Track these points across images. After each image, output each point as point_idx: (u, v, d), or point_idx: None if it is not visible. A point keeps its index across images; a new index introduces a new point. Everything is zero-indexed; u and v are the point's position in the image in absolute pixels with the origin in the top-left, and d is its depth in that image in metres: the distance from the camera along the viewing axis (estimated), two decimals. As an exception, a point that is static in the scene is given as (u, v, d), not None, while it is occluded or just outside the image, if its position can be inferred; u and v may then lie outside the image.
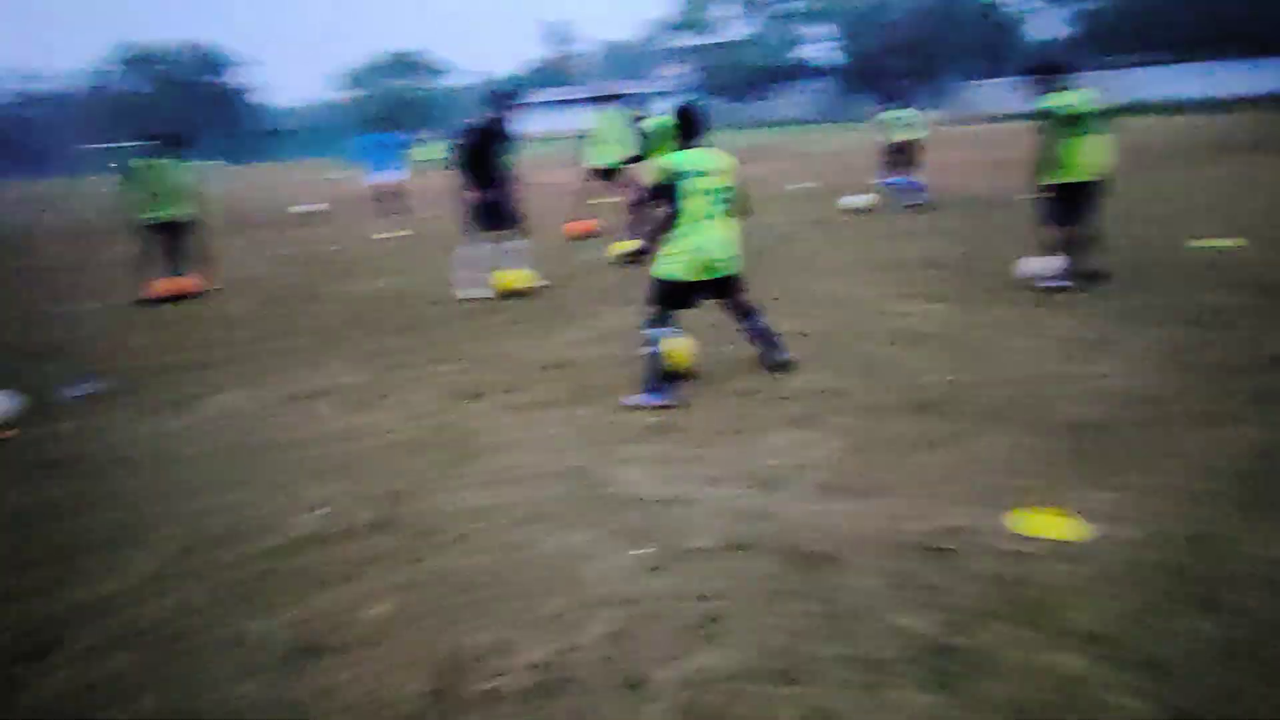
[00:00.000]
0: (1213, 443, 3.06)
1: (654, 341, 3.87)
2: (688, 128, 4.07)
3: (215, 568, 2.62)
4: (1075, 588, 2.22)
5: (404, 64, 77.19)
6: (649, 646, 2.08)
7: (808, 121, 49.46)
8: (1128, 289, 5.40)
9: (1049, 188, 5.42)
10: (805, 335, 4.73)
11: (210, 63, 70.45)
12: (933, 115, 31.47)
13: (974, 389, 3.79)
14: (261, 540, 2.77)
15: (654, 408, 3.76)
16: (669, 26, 62.60)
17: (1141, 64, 37.82)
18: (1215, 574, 2.24)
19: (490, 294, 6.33)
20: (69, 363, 5.16)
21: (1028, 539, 2.48)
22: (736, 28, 61.13)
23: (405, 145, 13.09)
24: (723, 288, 4.05)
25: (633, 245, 6.16)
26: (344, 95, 78.27)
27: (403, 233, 10.92)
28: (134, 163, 7.43)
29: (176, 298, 7.05)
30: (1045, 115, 5.28)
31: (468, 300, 6.34)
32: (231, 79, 71.62)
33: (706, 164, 3.93)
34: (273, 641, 2.20)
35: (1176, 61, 37.01)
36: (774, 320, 4.30)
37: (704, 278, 3.93)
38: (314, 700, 1.96)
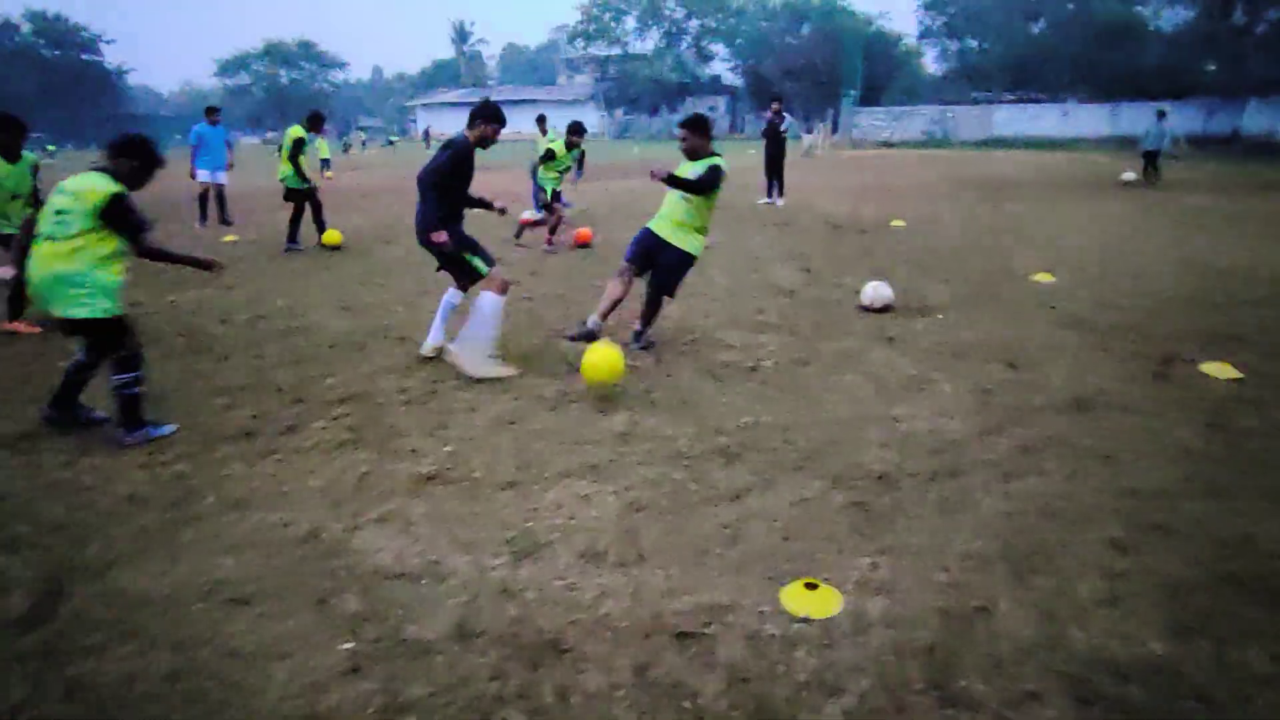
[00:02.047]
0: (998, 497, 2.98)
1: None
2: None
3: None
4: (814, 680, 2.00)
5: (286, 53, 72.76)
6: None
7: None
8: (959, 323, 5.47)
9: None
10: (634, 366, 4.47)
11: (67, 37, 64.19)
12: (819, 138, 32.76)
13: (782, 432, 3.61)
14: None
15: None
16: (575, 34, 62.25)
17: (1008, 102, 40.67)
18: (957, 658, 2.07)
19: (509, 370, 4.46)
20: None
21: (787, 616, 2.26)
22: (644, 41, 61.62)
23: (230, 142, 11.21)
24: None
25: None
26: (218, 82, 73.08)
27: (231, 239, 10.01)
28: None
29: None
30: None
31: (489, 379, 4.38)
32: (95, 56, 65.57)
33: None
34: None
35: (1038, 101, 40.05)
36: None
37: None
38: None
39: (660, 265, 4.85)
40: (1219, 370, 4.32)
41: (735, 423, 3.73)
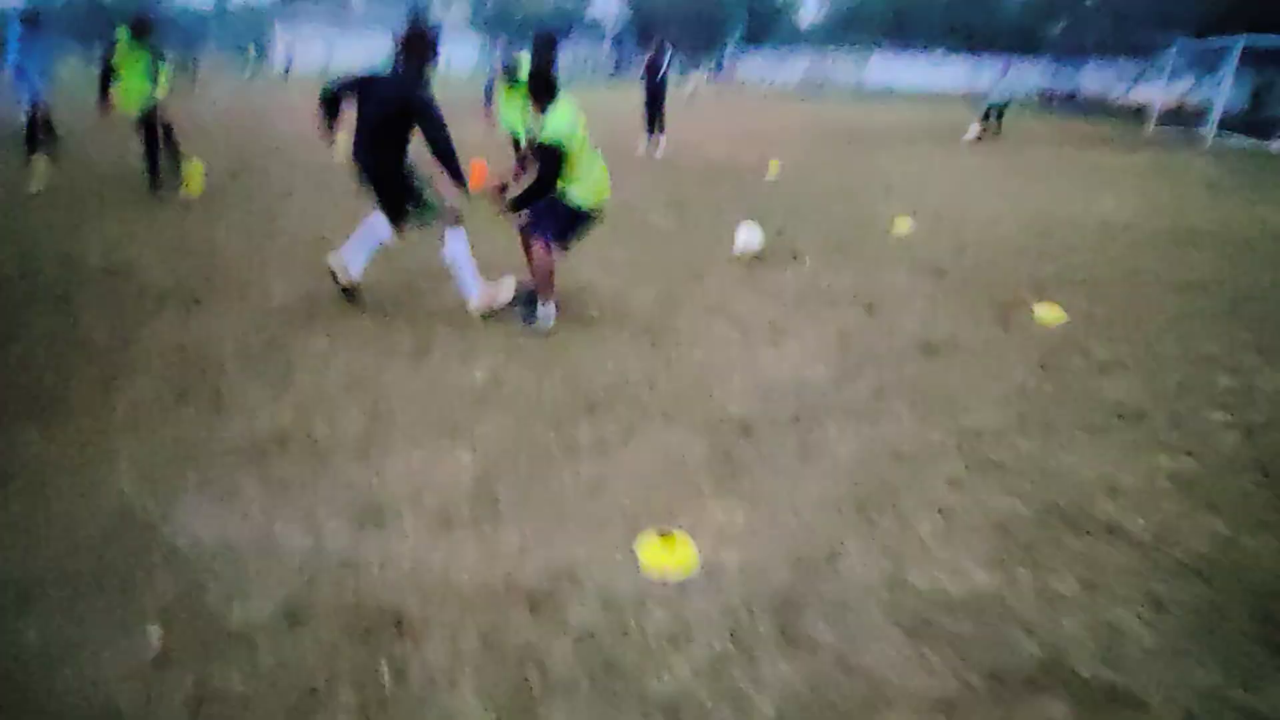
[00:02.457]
0: (853, 441, 3.08)
1: None
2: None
3: None
4: (665, 635, 1.98)
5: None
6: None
7: (593, 78, 49.01)
8: (824, 269, 5.61)
9: None
10: (487, 315, 4.27)
11: None
12: (701, 80, 32.65)
13: (649, 382, 3.57)
14: None
15: None
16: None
17: (881, 51, 41.99)
18: (806, 603, 2.12)
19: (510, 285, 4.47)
20: None
21: (642, 573, 2.22)
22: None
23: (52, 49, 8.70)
24: None
25: None
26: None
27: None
28: None
29: None
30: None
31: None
32: None
33: None
34: None
35: (908, 51, 41.59)
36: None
37: None
38: None
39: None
40: (1049, 313, 4.65)
41: (602, 372, 3.65)
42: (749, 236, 5.85)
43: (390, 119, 3.92)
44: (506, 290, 4.40)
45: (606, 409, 3.27)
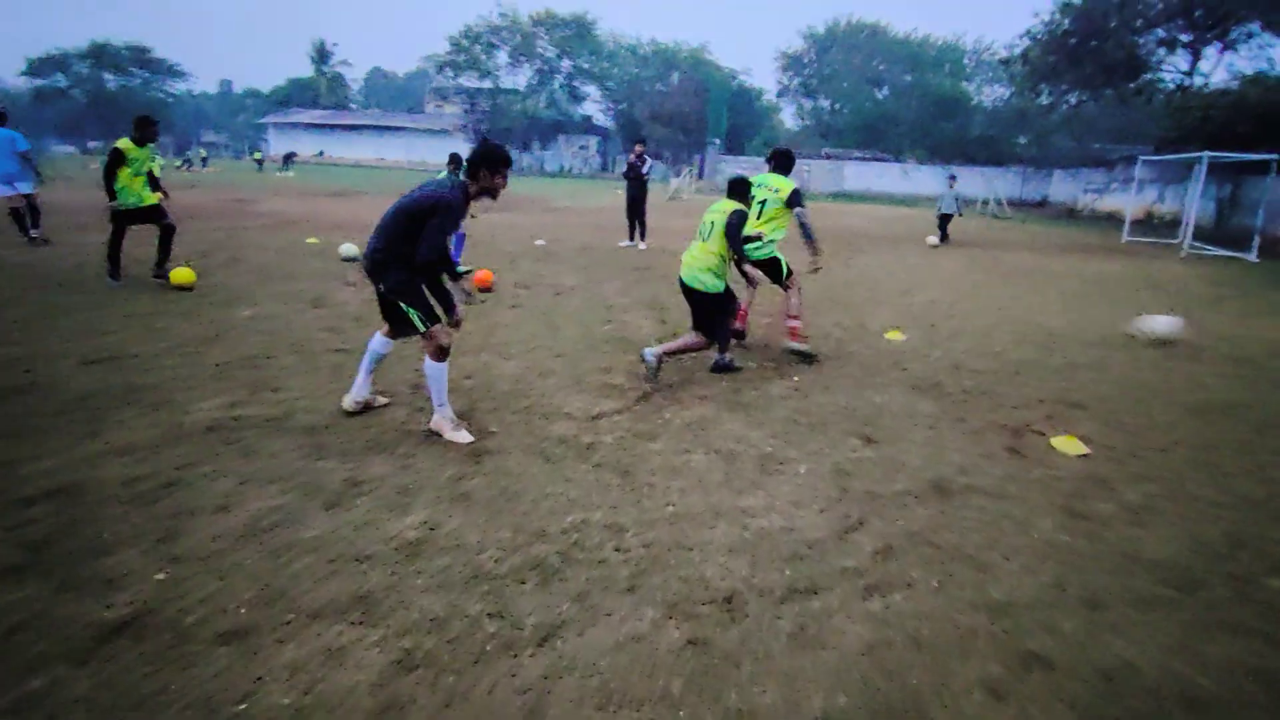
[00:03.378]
0: (861, 621, 2.50)
1: None
2: None
3: None
4: None
5: (115, 55, 65.92)
6: None
7: (578, 175, 50.47)
8: (815, 385, 5.15)
9: None
10: (445, 443, 3.72)
11: None
12: (685, 182, 33.50)
13: (615, 534, 2.99)
14: None
15: None
16: (445, 64, 60.86)
17: (856, 159, 43.68)
18: None
19: (466, 437, 3.88)
20: None
21: None
22: (516, 76, 61.38)
23: (25, 152, 9.31)
24: None
25: None
26: (25, 82, 64.84)
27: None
28: None
29: None
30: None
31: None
32: None
33: None
34: None
35: (882, 160, 43.30)
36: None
37: None
38: None
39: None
40: (1068, 445, 4.18)
41: (560, 523, 3.06)
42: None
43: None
44: (462, 438, 3.86)
45: (561, 575, 2.68)
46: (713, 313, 5.11)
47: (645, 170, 12.43)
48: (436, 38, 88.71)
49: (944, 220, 16.02)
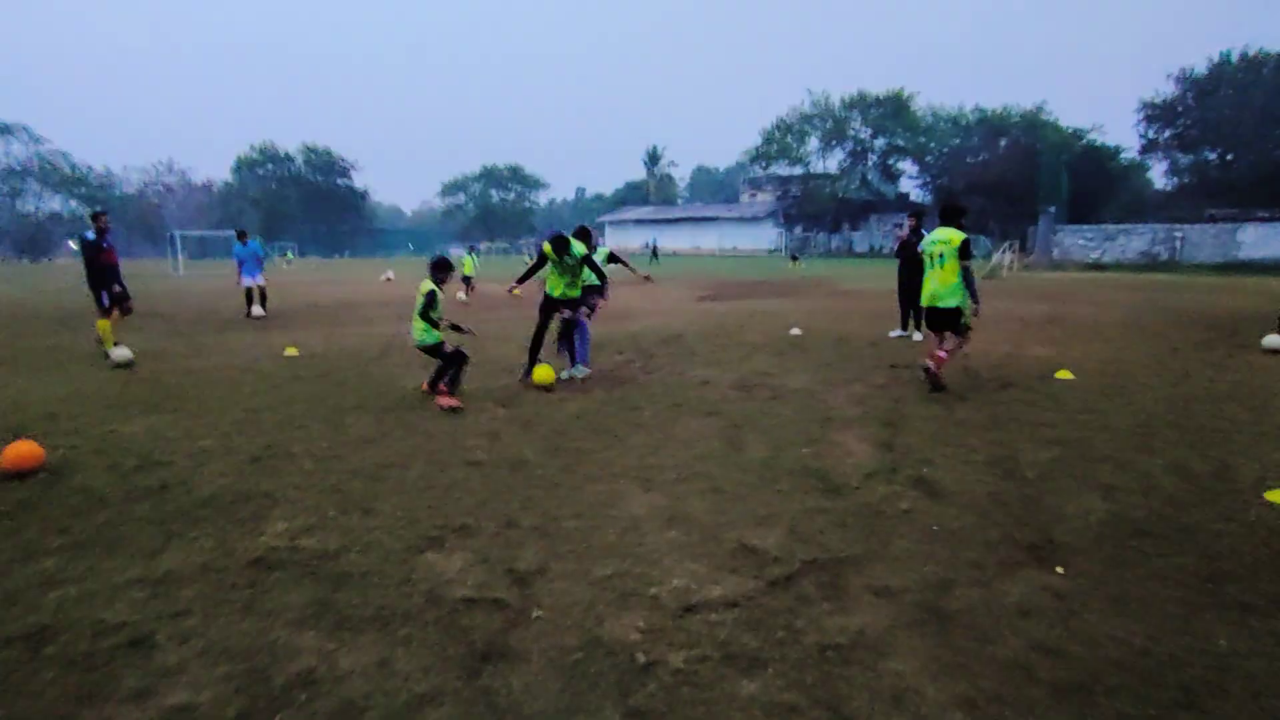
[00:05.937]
0: None
1: None
2: None
3: None
4: None
5: (498, 175, 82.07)
6: None
7: (890, 255, 47.70)
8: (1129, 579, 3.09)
9: None
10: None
11: (326, 164, 76.80)
12: (1006, 258, 29.11)
13: None
14: None
15: None
16: (757, 156, 63.37)
17: (1259, 219, 34.26)
18: None
19: None
20: None
21: None
22: (828, 161, 61.38)
23: (260, 254, 14.38)
24: None
25: None
26: (442, 202, 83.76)
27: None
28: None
29: None
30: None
31: None
32: (347, 180, 77.65)
33: None
34: None
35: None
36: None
37: None
38: None
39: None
40: None
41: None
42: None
43: None
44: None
45: None
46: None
47: (921, 247, 10.45)
48: (755, 133, 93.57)
49: None
